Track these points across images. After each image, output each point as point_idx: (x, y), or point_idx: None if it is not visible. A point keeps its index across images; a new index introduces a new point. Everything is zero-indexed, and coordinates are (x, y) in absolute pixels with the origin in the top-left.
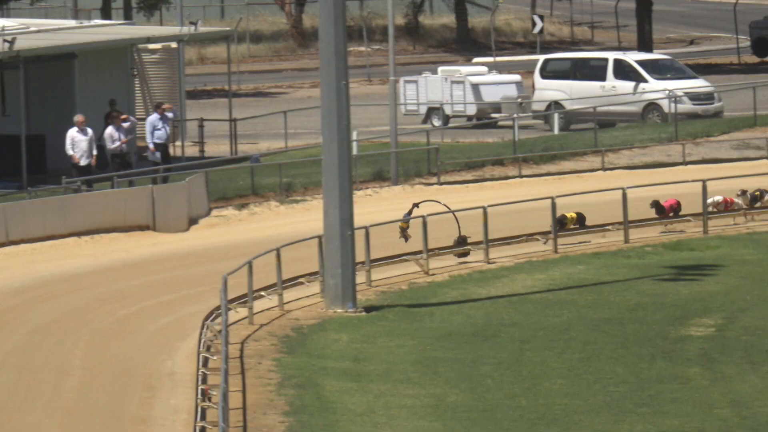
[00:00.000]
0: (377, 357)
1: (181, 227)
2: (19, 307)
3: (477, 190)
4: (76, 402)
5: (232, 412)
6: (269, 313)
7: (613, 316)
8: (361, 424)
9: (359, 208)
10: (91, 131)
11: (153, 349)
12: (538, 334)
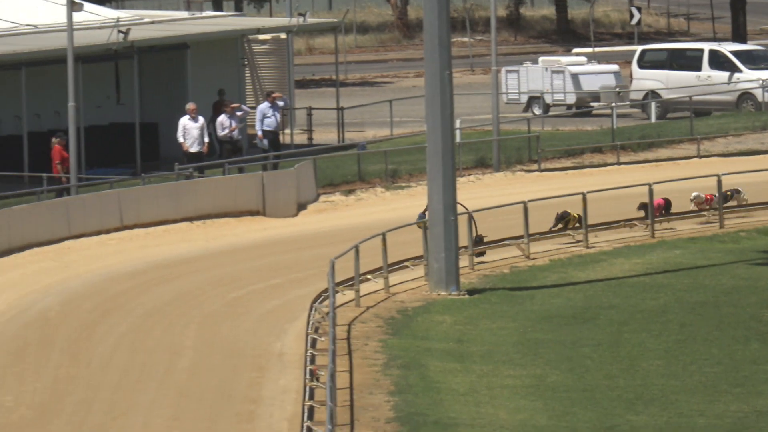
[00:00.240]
0: (480, 338)
1: (289, 212)
2: (133, 290)
3: (576, 177)
4: (188, 382)
5: (339, 391)
6: (375, 296)
7: (708, 299)
8: (464, 403)
9: (462, 194)
10: (202, 119)
11: (262, 330)
12: (636, 317)
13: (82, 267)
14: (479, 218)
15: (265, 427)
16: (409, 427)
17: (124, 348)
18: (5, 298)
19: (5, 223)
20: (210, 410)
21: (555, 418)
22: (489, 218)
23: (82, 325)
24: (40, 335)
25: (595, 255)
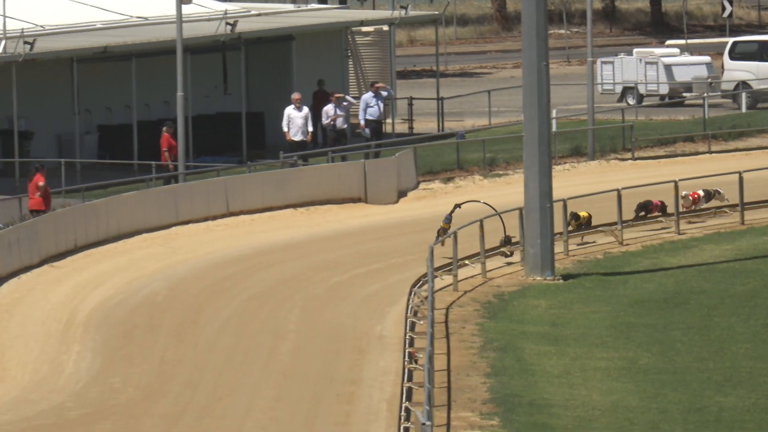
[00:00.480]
0: (573, 322)
1: (390, 199)
2: (239, 275)
3: (669, 165)
4: (291, 364)
5: (437, 373)
6: (472, 281)
7: None
8: (558, 384)
9: (557, 181)
10: (306, 109)
11: (363, 314)
12: (725, 301)
13: (189, 252)
14: (572, 205)
15: (364, 408)
16: (504, 408)
17: (229, 331)
18: (114, 283)
19: (115, 210)
20: (312, 391)
21: (646, 400)
22: (583, 205)
23: (189, 308)
24: (148, 319)
25: (686, 241)
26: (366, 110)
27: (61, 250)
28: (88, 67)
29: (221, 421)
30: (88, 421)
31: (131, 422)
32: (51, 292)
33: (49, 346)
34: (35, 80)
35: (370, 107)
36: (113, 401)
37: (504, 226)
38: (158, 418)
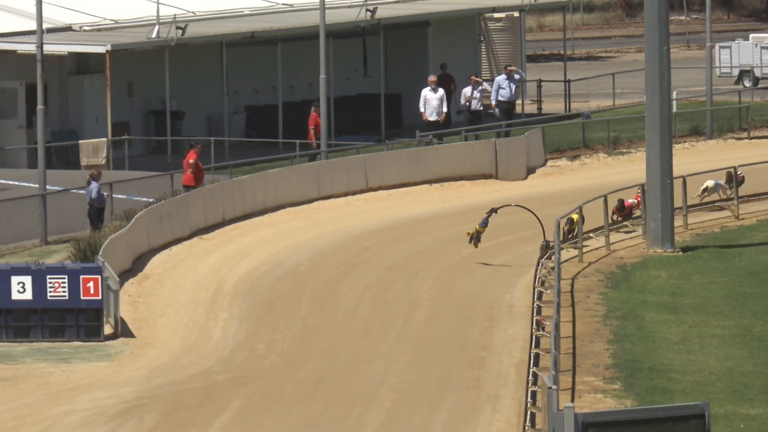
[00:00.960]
0: (692, 292)
1: (520, 176)
2: (376, 247)
3: None
4: (425, 331)
5: (562, 340)
6: (597, 253)
7: None
8: (677, 351)
9: (677, 159)
10: (442, 90)
11: (493, 284)
12: None
13: (330, 226)
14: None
15: (494, 373)
16: (626, 373)
17: (366, 300)
18: (260, 254)
19: (261, 186)
20: (444, 357)
21: (760, 366)
22: (702, 183)
23: (329, 279)
24: (291, 288)
25: None
26: (498, 92)
27: (210, 223)
28: (237, 51)
29: (359, 386)
30: (234, 385)
31: (275, 386)
32: (200, 262)
33: (197, 314)
34: (186, 63)
35: (503, 89)
36: (258, 366)
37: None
38: (300, 382)
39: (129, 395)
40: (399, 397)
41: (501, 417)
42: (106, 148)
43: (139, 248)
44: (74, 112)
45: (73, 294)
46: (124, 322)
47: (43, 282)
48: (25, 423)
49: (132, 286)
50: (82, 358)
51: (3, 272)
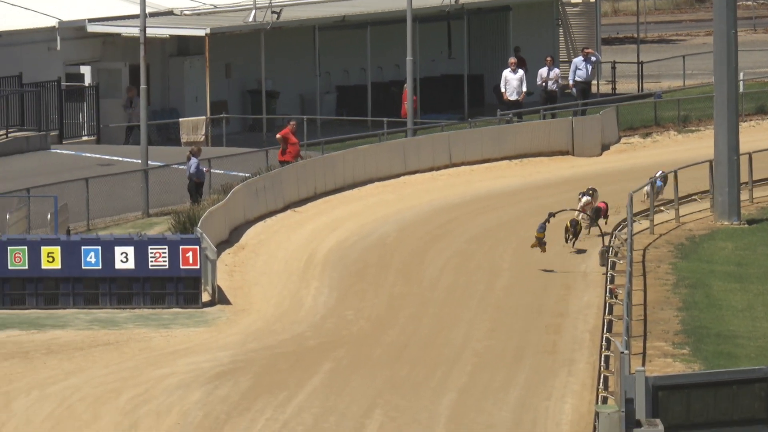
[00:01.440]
0: (757, 262)
1: (595, 152)
2: (459, 219)
3: None
4: (504, 299)
5: (634, 307)
6: (667, 225)
7: None
8: (742, 318)
9: (744, 137)
10: (521, 71)
11: (569, 254)
12: None
13: (416, 199)
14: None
15: (569, 338)
16: (694, 338)
17: (449, 269)
18: (349, 226)
19: (351, 161)
20: (523, 323)
21: None
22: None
23: (415, 249)
24: (378, 258)
25: None
26: (575, 72)
27: (302, 196)
28: (328, 34)
29: (442, 350)
30: (325, 349)
31: (363, 350)
32: (293, 234)
33: (290, 283)
34: (281, 46)
35: (579, 70)
36: (346, 331)
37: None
38: (386, 346)
39: (225, 359)
40: (480, 360)
41: (575, 380)
42: (204, 126)
43: (235, 220)
44: (175, 91)
45: (173, 263)
46: (221, 290)
47: (144, 252)
48: (127, 385)
49: (228, 256)
50: (181, 324)
51: (107, 243)
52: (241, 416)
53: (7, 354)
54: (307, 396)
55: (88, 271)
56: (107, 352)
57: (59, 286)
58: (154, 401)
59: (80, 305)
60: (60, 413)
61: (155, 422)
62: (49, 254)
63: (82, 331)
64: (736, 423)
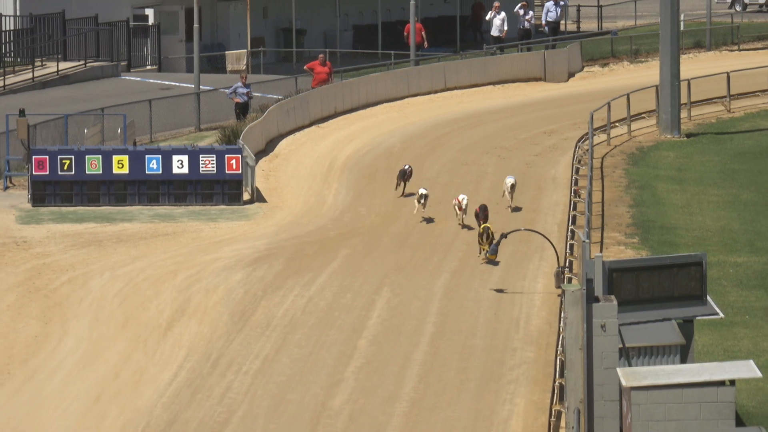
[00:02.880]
0: (693, 168)
1: (562, 79)
2: (452, 133)
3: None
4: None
5: (594, 204)
6: (621, 138)
7: None
8: (681, 213)
9: (683, 66)
10: (504, 13)
11: (542, 161)
12: None
13: (417, 117)
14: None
15: (541, 229)
16: (642, 230)
17: (444, 172)
18: (362, 138)
19: (364, 86)
20: (503, 218)
21: (745, 224)
22: (703, 84)
23: (416, 157)
24: (386, 164)
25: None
26: (547, 14)
27: (325, 115)
28: None
29: (438, 239)
30: (343, 238)
31: (373, 239)
32: (317, 145)
33: (314, 185)
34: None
35: (550, 12)
36: (360, 224)
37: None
38: (392, 236)
39: (261, 246)
40: (468, 247)
41: (546, 263)
42: (246, 57)
43: (270, 134)
44: (221, 29)
45: (219, 169)
46: (258, 190)
47: (196, 160)
48: (182, 268)
49: (264, 162)
50: (226, 219)
51: (166, 152)
52: (274, 293)
53: (84, 242)
54: (328, 276)
55: (150, 176)
56: (166, 241)
57: (127, 187)
58: (204, 281)
59: (144, 203)
60: (127, 290)
61: (204, 298)
62: (119, 162)
63: (145, 224)
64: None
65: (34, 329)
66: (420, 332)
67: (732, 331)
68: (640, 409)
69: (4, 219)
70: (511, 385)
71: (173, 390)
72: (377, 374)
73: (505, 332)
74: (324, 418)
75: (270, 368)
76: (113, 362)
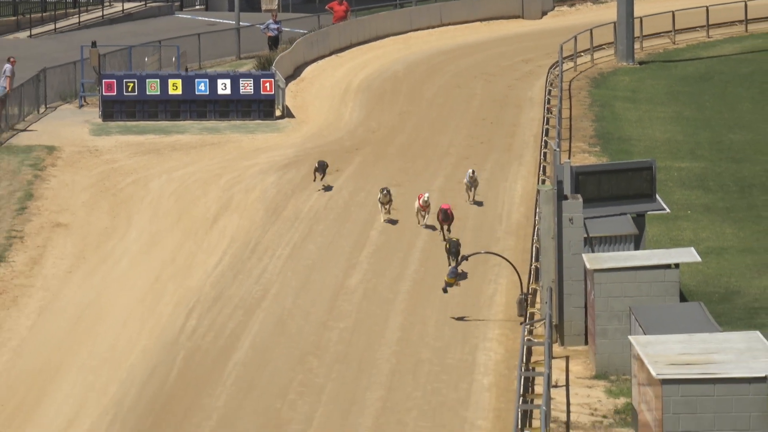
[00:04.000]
0: (645, 90)
1: (537, 17)
2: (445, 61)
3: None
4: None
5: (564, 120)
6: (585, 65)
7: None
8: (635, 127)
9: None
10: None
11: (521, 84)
12: (735, 78)
13: (418, 48)
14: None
15: (520, 141)
16: (603, 141)
17: (440, 94)
18: (373, 66)
19: (375, 23)
20: (490, 130)
21: (687, 136)
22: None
23: (417, 80)
24: (392, 86)
25: (713, 42)
26: None
27: (342, 46)
28: None
29: (435, 149)
30: (357, 148)
31: (382, 149)
32: (335, 71)
33: (334, 103)
34: None
35: None
36: (371, 136)
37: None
38: (398, 146)
39: (291, 154)
40: (460, 156)
41: (524, 169)
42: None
43: (297, 62)
44: None
45: (256, 90)
46: (288, 108)
47: (237, 83)
48: (225, 171)
49: (293, 85)
50: (262, 131)
51: (212, 76)
52: (301, 192)
53: (145, 150)
54: (345, 179)
55: (199, 96)
56: (212, 149)
57: (180, 105)
58: (244, 182)
59: (194, 119)
60: (181, 190)
61: (244, 196)
62: (174, 84)
63: (195, 135)
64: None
65: (105, 222)
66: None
67: (676, 223)
68: (601, 288)
69: (79, 131)
70: (496, 268)
71: (219, 272)
72: (386, 259)
73: (490, 225)
74: (342, 294)
75: (298, 254)
76: (169, 250)
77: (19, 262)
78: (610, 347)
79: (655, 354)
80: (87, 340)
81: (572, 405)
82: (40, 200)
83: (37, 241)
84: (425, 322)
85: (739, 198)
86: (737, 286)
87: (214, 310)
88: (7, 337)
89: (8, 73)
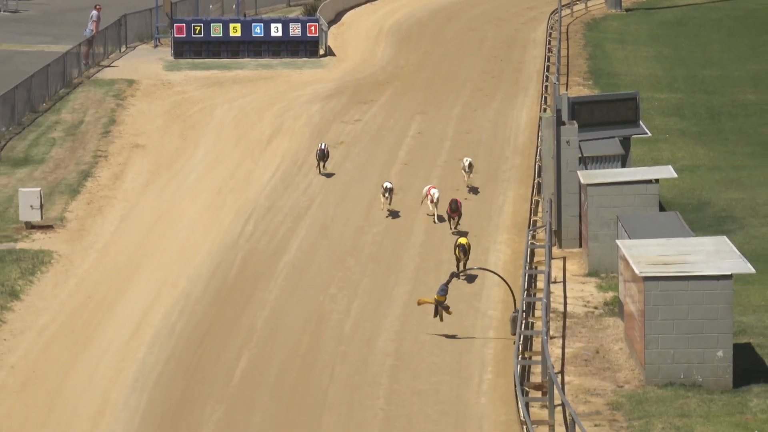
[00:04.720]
0: (631, 34)
1: None
2: (462, 9)
3: None
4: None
5: (561, 58)
6: (580, 12)
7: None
8: (623, 63)
9: None
10: None
11: (525, 28)
12: (707, 22)
13: None
14: None
15: (525, 75)
16: (595, 76)
17: (457, 35)
18: (402, 12)
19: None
20: (499, 66)
21: (665, 72)
22: None
23: (439, 24)
24: (418, 29)
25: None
26: None
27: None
28: None
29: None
30: (388, 82)
31: (409, 82)
32: (370, 17)
33: (368, 44)
34: None
35: None
36: (400, 71)
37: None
38: (423, 80)
39: (332, 86)
40: (476, 88)
41: (529, 100)
42: None
43: (338, 8)
44: None
45: (303, 32)
46: (330, 48)
47: (287, 26)
48: (277, 101)
49: (334, 29)
50: (308, 68)
51: (266, 21)
52: (341, 119)
53: (210, 83)
54: (378, 107)
55: (255, 37)
56: (266, 83)
57: (239, 46)
58: (293, 110)
59: (251, 57)
60: (240, 117)
61: (293, 122)
62: (234, 28)
63: (252, 71)
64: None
65: (176, 144)
66: (441, 146)
67: (657, 145)
68: (593, 200)
69: (154, 67)
70: (504, 183)
71: (272, 185)
72: (412, 174)
73: (500, 146)
74: (375, 204)
75: (339, 170)
76: (230, 167)
77: (104, 177)
78: (600, 249)
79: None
80: (161, 242)
81: (568, 298)
82: (121, 125)
83: (119, 159)
84: (445, 227)
85: (710, 124)
86: (708, 198)
87: (267, 217)
88: (94, 240)
89: (95, 18)
